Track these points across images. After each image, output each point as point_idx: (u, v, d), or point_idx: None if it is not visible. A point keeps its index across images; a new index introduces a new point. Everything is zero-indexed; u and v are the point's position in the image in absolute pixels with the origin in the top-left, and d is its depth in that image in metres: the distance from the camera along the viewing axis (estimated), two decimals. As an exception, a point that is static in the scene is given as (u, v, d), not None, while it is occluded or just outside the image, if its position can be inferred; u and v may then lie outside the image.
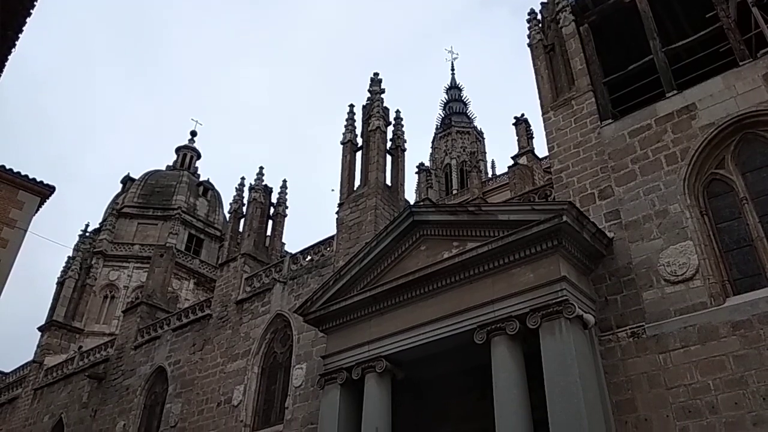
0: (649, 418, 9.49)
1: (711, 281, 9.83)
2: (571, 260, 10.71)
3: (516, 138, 45.26)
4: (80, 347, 27.54)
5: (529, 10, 15.81)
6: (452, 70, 74.11)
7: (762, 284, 9.52)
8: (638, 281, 10.58)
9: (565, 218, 10.25)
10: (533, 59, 15.00)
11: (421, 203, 17.51)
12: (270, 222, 22.51)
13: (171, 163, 50.05)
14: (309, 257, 18.17)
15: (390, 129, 19.09)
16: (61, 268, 35.76)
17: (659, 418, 9.37)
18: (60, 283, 34.47)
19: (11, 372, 30.86)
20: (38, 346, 29.91)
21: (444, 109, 69.06)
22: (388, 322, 12.42)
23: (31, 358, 29.33)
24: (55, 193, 16.27)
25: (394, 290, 12.40)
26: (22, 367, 29.91)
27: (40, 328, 31.14)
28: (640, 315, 10.31)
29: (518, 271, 10.84)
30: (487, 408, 10.49)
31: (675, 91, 11.78)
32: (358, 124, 19.38)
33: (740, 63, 11.17)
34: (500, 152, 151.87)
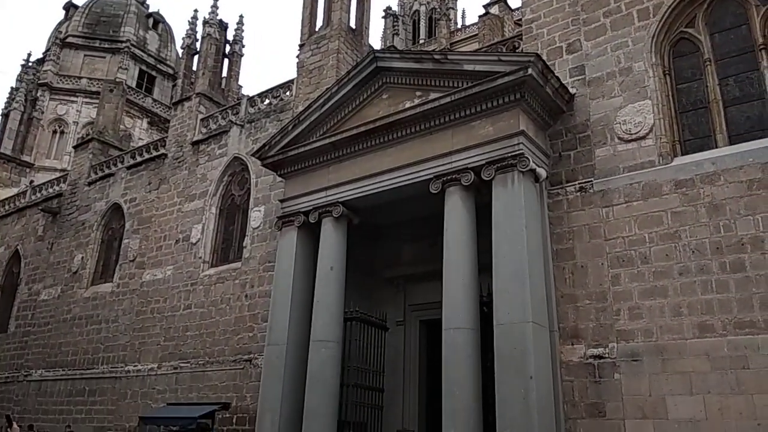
0: (585, 265, 10.19)
1: (662, 141, 10.07)
2: (531, 115, 10.74)
3: (489, -16, 43.02)
4: (31, 181, 27.14)
5: None
6: None
7: (710, 146, 9.83)
8: (593, 138, 10.78)
9: (530, 71, 10.09)
10: None
11: (386, 49, 16.89)
12: (226, 61, 21.49)
13: (116, -10, 45.96)
14: (267, 101, 17.66)
15: (357, -37, 17.74)
16: (5, 99, 34.08)
17: (594, 266, 10.08)
18: (5, 115, 33.10)
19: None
20: (-13, 179, 29.33)
21: (416, -53, 64.08)
22: (347, 170, 12.51)
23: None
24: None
25: (354, 138, 12.33)
26: (-28, 199, 29.44)
27: (-13, 161, 30.31)
28: (590, 171, 10.64)
29: (478, 123, 10.85)
30: (437, 253, 11.04)
31: (658, -61, 11.14)
32: (322, -45, 17.92)
33: None
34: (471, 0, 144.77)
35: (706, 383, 8.61)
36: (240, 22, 22.32)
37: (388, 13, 56.26)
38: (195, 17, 22.02)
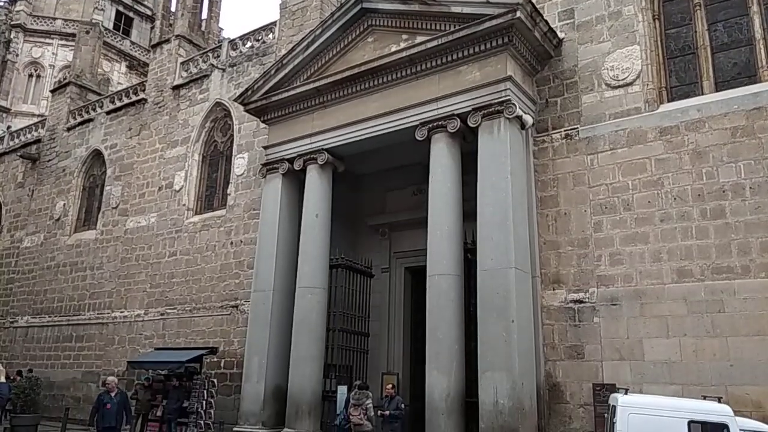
0: (568, 212, 10.28)
1: (649, 87, 10.01)
2: (519, 60, 10.58)
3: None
4: (9, 127, 26.49)
5: None
6: None
7: (696, 93, 9.79)
8: (580, 84, 10.67)
9: (519, 14, 9.87)
10: None
11: (371, -9, 16.36)
12: (206, 1, 20.79)
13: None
14: (249, 44, 17.17)
15: None
16: (-25, 42, 32.83)
17: (577, 213, 10.18)
18: (-24, 58, 31.88)
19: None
20: (-38, 125, 28.53)
21: None
22: (331, 116, 12.32)
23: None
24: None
25: (339, 83, 12.10)
26: (-52, 145, 28.71)
27: (-39, 106, 29.42)
28: (577, 118, 10.58)
29: (465, 68, 10.68)
30: (422, 201, 11.06)
31: None
32: None
33: None
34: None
35: (683, 326, 8.86)
36: (220, -39, 21.49)
37: (373, -47, 54.25)
38: (172, -45, 21.14)
